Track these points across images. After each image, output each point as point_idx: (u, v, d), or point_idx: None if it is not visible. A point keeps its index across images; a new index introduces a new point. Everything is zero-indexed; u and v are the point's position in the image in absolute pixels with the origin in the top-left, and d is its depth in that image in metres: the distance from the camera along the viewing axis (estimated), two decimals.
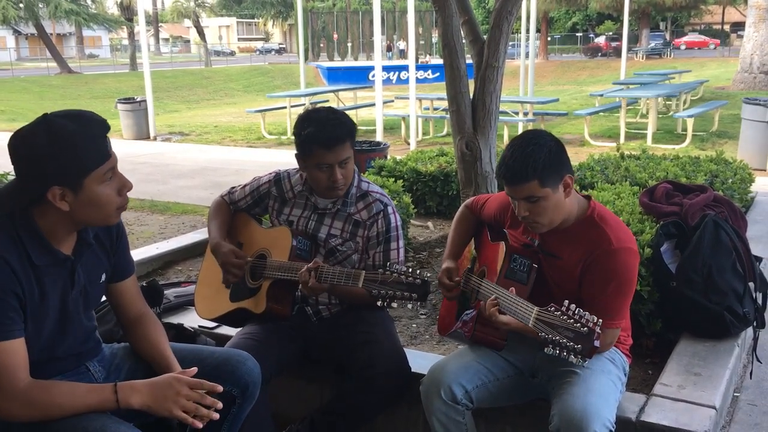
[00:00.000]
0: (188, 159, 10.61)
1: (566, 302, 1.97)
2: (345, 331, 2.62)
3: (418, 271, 2.28)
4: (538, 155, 2.12)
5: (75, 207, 1.84)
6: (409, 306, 2.29)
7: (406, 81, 14.44)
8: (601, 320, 1.92)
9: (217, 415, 1.88)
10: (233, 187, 2.91)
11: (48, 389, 1.84)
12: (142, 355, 2.18)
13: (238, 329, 2.72)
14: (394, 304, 2.29)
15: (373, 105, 12.63)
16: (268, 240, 2.69)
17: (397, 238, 2.67)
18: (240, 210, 2.87)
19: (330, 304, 2.72)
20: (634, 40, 41.03)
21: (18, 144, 1.82)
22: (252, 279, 2.66)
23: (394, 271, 2.27)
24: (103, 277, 2.11)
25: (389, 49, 37.29)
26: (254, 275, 2.66)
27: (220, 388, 1.92)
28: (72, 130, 1.80)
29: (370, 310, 2.61)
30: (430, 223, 5.24)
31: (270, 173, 2.83)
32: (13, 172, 1.86)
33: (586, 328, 1.90)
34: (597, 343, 1.90)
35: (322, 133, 2.49)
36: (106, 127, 1.90)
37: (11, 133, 1.87)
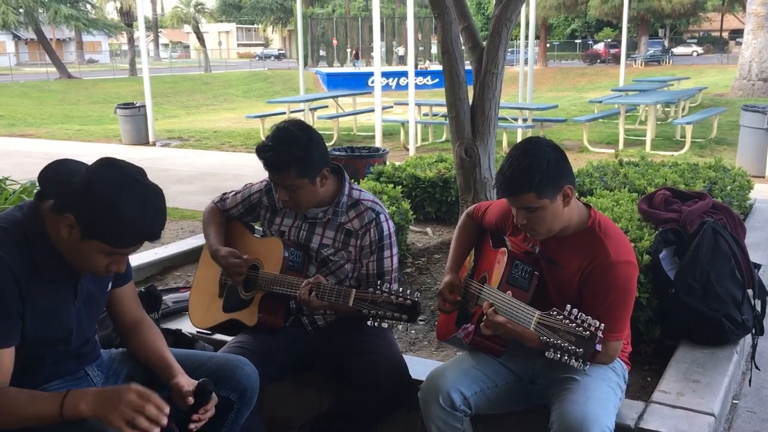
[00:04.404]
0: (187, 164, 10.61)
1: (568, 306, 1.98)
2: (344, 339, 2.61)
3: (408, 291, 2.27)
4: (536, 167, 2.12)
5: (69, 242, 1.84)
6: (400, 327, 2.29)
7: (406, 87, 14.47)
8: (603, 324, 1.92)
9: (155, 429, 1.73)
10: (225, 194, 2.89)
11: (5, 395, 1.78)
12: (140, 359, 2.18)
13: (231, 338, 2.70)
14: (384, 324, 2.29)
15: (372, 111, 12.64)
16: (260, 250, 2.68)
17: (390, 246, 2.65)
18: (232, 218, 2.86)
19: (326, 314, 2.70)
20: (632, 46, 41.13)
21: (104, 168, 1.82)
22: (245, 290, 2.66)
23: (384, 290, 2.27)
24: (110, 285, 2.11)
25: (356, 56, 37.37)
26: (247, 286, 2.65)
27: (167, 410, 1.77)
28: (133, 210, 1.78)
29: (364, 320, 2.62)
30: (428, 229, 5.24)
31: (261, 181, 2.81)
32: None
33: (588, 332, 1.90)
34: (599, 347, 1.90)
35: (266, 152, 2.46)
36: (154, 239, 1.88)
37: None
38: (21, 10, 33.07)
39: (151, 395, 1.77)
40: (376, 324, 2.28)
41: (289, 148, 2.44)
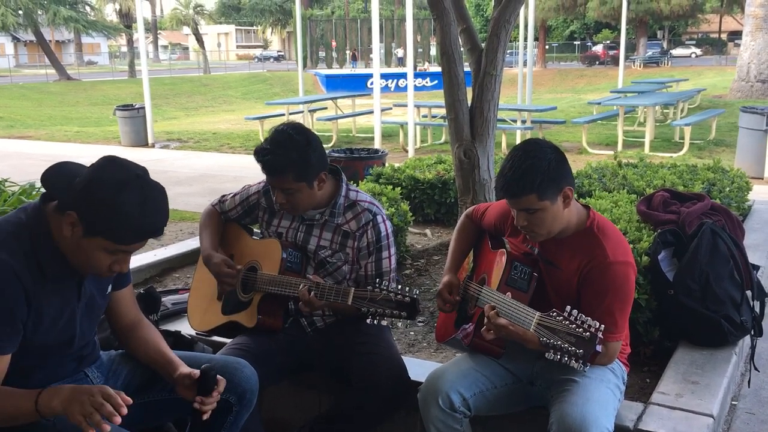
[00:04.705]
0: (186, 166, 10.61)
1: (568, 308, 1.98)
2: (343, 341, 2.61)
3: (407, 288, 2.28)
4: (537, 169, 2.12)
5: (72, 241, 1.84)
6: (399, 324, 2.28)
7: (405, 88, 14.47)
8: (603, 325, 1.93)
9: (107, 428, 1.71)
10: (224, 196, 2.89)
11: None
12: (140, 358, 2.18)
13: (230, 340, 2.69)
14: (384, 322, 2.29)
15: (371, 112, 12.64)
16: (258, 252, 2.69)
17: (388, 247, 2.65)
18: (231, 220, 2.86)
19: (324, 315, 2.70)
20: (631, 48, 41.17)
21: (106, 165, 1.83)
22: (243, 292, 2.66)
23: (383, 288, 2.27)
24: (110, 288, 2.12)
25: (354, 58, 37.51)
26: (245, 288, 2.65)
27: (125, 411, 1.74)
28: (134, 205, 1.79)
29: (363, 319, 2.62)
30: (428, 231, 5.24)
31: (259, 183, 2.80)
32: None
33: (588, 333, 1.90)
34: (599, 348, 1.90)
35: (264, 155, 2.46)
36: (156, 235, 1.89)
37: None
38: (20, 12, 33.07)
39: (114, 396, 1.74)
40: (375, 322, 2.28)
41: (287, 152, 2.44)
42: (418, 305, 2.27)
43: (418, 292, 2.30)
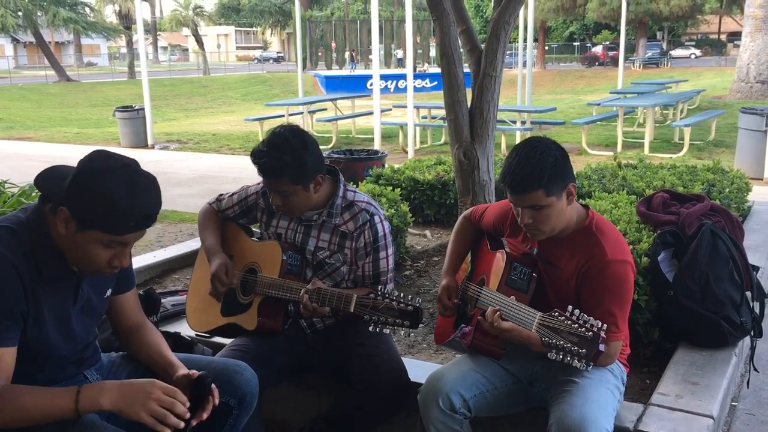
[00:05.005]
0: (186, 167, 10.61)
1: (570, 307, 1.98)
2: (343, 343, 2.60)
3: (410, 297, 2.27)
4: (545, 164, 2.12)
5: (67, 238, 1.83)
6: (402, 333, 2.28)
7: (404, 89, 14.48)
8: (605, 325, 1.93)
9: (181, 424, 1.78)
10: (221, 195, 2.88)
11: (15, 392, 1.79)
12: (141, 359, 2.18)
13: (230, 341, 2.69)
14: (386, 330, 2.28)
15: (371, 113, 12.64)
16: (258, 254, 2.68)
17: (385, 247, 2.64)
18: (228, 219, 2.85)
19: (324, 317, 2.70)
20: (631, 49, 41.19)
21: (93, 156, 1.84)
22: (243, 294, 2.65)
23: (386, 296, 2.26)
24: (109, 292, 2.11)
25: (352, 59, 37.61)
26: (245, 290, 2.65)
27: (187, 404, 1.80)
28: (122, 192, 1.78)
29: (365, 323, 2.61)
30: (427, 232, 5.24)
31: (258, 184, 2.79)
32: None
33: (590, 333, 1.90)
34: (602, 348, 1.90)
35: (260, 157, 2.46)
36: (148, 223, 1.87)
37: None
38: (20, 13, 33.08)
39: (177, 392, 1.80)
40: (377, 330, 2.28)
41: (283, 155, 2.43)
42: (420, 314, 2.26)
43: (420, 300, 2.29)
